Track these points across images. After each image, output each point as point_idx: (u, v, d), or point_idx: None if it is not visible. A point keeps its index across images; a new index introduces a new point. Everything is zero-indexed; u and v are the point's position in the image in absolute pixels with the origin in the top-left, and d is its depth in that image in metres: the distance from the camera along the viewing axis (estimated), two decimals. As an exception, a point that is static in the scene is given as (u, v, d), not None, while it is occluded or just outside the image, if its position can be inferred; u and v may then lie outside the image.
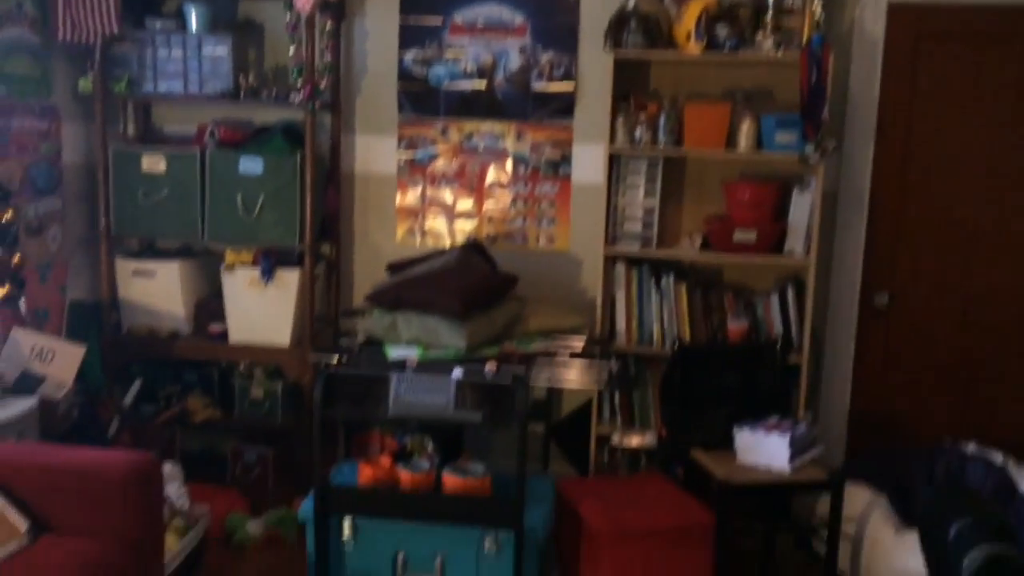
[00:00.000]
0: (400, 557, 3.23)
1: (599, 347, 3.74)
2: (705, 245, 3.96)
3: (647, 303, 3.96)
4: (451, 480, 3.18)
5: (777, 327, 3.89)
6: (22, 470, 2.53)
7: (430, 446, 3.77)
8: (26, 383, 3.36)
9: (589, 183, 4.10)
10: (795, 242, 3.83)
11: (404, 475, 3.21)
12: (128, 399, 3.94)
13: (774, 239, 3.87)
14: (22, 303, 3.62)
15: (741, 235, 3.84)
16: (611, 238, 3.94)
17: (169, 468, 3.36)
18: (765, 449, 3.34)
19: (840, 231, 4.01)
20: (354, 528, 3.23)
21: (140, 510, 2.55)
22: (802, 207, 3.80)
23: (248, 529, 3.76)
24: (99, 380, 3.78)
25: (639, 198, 3.94)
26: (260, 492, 4.06)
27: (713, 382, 3.65)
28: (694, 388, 3.63)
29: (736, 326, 3.91)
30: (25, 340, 3.48)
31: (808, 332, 3.81)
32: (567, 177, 4.17)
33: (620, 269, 3.98)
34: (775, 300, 3.91)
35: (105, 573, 2.37)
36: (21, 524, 2.43)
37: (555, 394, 4.32)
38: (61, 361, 3.46)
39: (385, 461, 3.32)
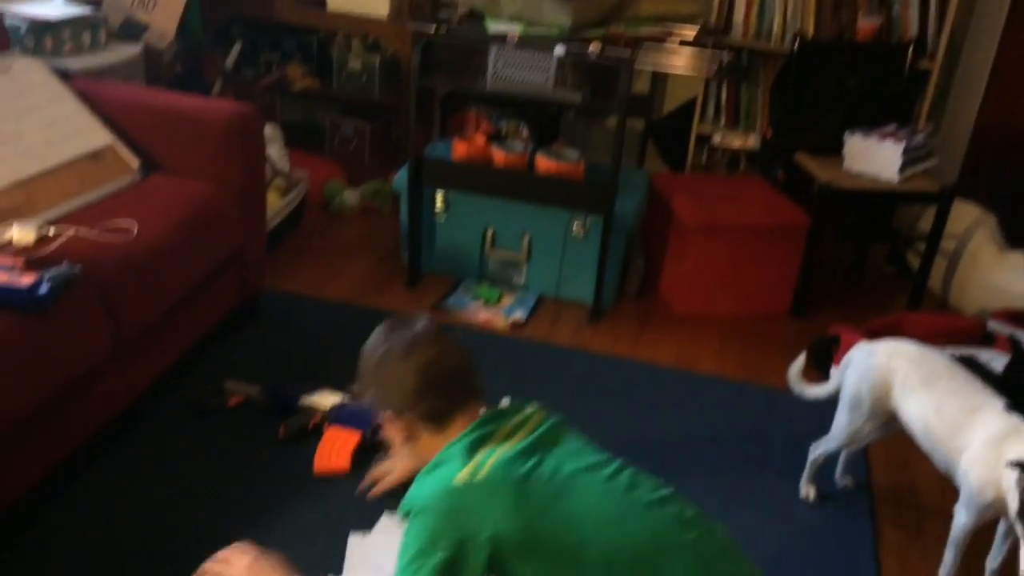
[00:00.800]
0: (489, 232, 3.30)
1: (712, 38, 3.50)
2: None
3: (770, -8, 3.64)
4: (544, 162, 3.15)
5: (913, 28, 3.55)
6: (132, 110, 2.58)
7: (525, 131, 3.72)
8: (130, 29, 3.37)
9: None
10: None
11: (498, 154, 3.20)
12: (229, 61, 3.95)
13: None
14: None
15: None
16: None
17: (270, 129, 3.41)
18: (876, 157, 3.18)
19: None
20: (446, 201, 3.29)
21: (242, 159, 2.61)
22: None
23: (345, 197, 3.88)
24: (200, 38, 3.76)
25: None
26: (356, 165, 4.14)
27: (831, 83, 3.42)
28: (810, 89, 3.41)
29: (867, 23, 3.56)
30: (127, -14, 3.44)
31: (947, 36, 3.46)
32: None
33: (744, -50, 3.61)
34: (915, -2, 3.53)
35: (212, 211, 2.48)
36: (133, 161, 2.53)
37: (658, 91, 4.14)
38: (163, 9, 3.42)
39: (480, 139, 3.29)
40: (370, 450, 2.35)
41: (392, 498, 2.17)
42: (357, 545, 2.04)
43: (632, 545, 1.38)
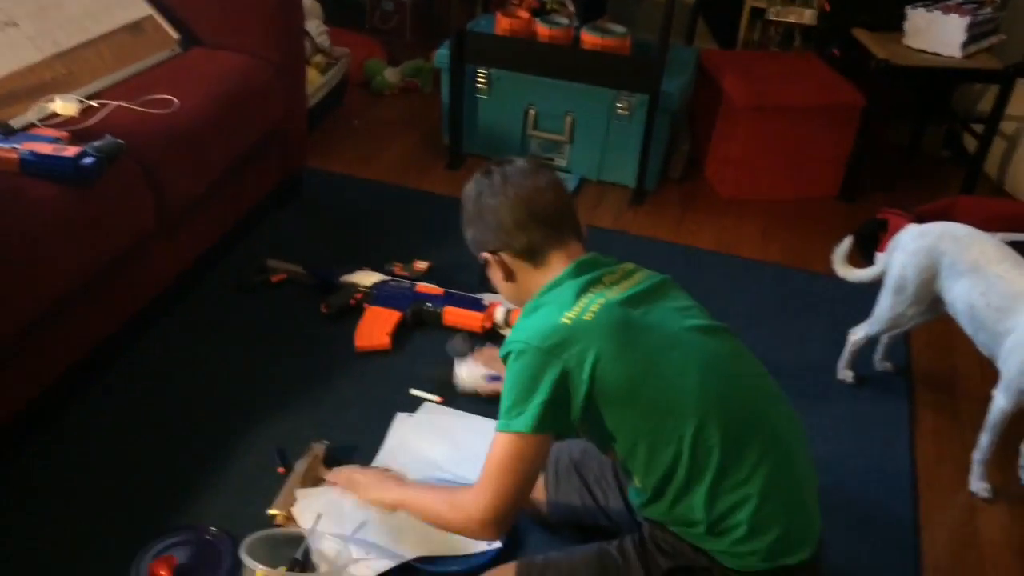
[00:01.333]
0: (531, 112, 3.24)
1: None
2: None
3: None
4: (590, 38, 3.05)
5: None
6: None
7: (570, 6, 3.59)
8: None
9: None
10: None
11: (542, 29, 3.10)
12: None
13: None
14: None
15: None
16: None
17: (309, 2, 3.34)
18: (938, 31, 3.03)
19: None
20: (488, 79, 3.22)
21: (282, 32, 2.57)
22: None
23: (386, 76, 3.82)
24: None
25: None
26: (397, 43, 4.06)
27: (894, -46, 3.23)
28: (871, -41, 3.23)
29: None
30: None
31: (1023, -99, 3.23)
32: None
33: None
34: None
35: (252, 85, 2.46)
36: (173, 33, 2.50)
37: (710, -37, 3.95)
38: None
39: (523, 14, 3.20)
40: (410, 328, 2.39)
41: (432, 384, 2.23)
42: (400, 424, 2.08)
43: (727, 414, 1.35)
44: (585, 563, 1.47)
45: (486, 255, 1.54)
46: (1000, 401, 1.96)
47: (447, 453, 1.97)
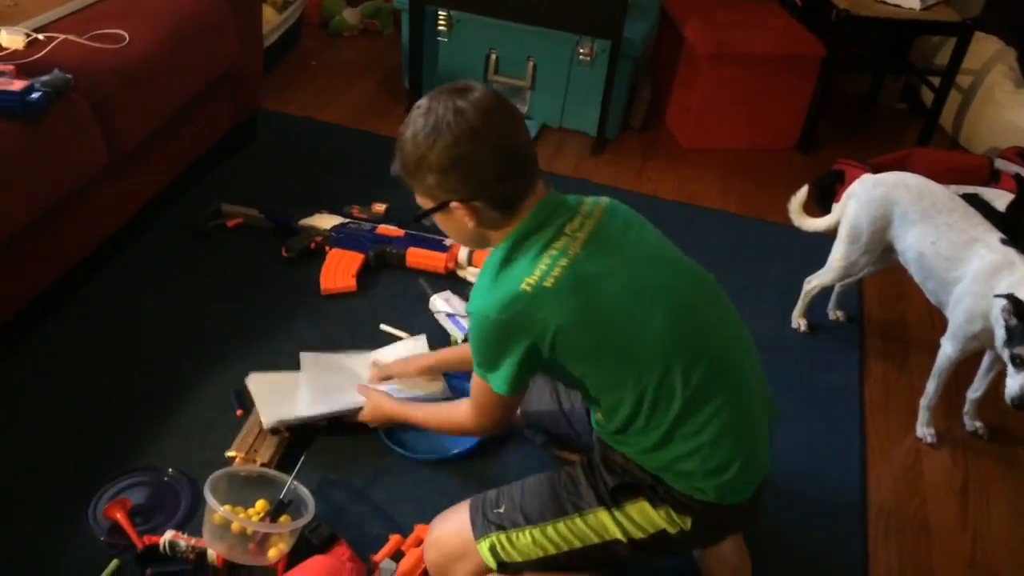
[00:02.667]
0: (493, 56, 3.20)
1: None
2: None
3: None
4: (553, -19, 3.00)
5: None
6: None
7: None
8: None
9: None
10: None
11: (504, -29, 3.04)
12: None
13: None
14: None
15: None
16: None
17: (263, -62, 3.23)
18: (899, -16, 3.03)
19: None
20: (449, 21, 3.16)
21: (234, -32, 2.49)
22: None
23: (345, 16, 3.74)
24: None
25: None
26: (356, -18, 3.96)
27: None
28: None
29: None
30: None
31: None
32: None
33: None
34: None
35: (205, 21, 2.38)
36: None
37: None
38: None
39: (485, -46, 3.13)
40: (373, 270, 2.38)
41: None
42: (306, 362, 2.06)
43: (692, 362, 1.35)
44: (537, 489, 1.50)
45: (455, 203, 1.38)
46: (947, 349, 2.01)
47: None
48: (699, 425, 1.36)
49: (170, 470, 1.77)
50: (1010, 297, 1.79)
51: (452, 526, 1.52)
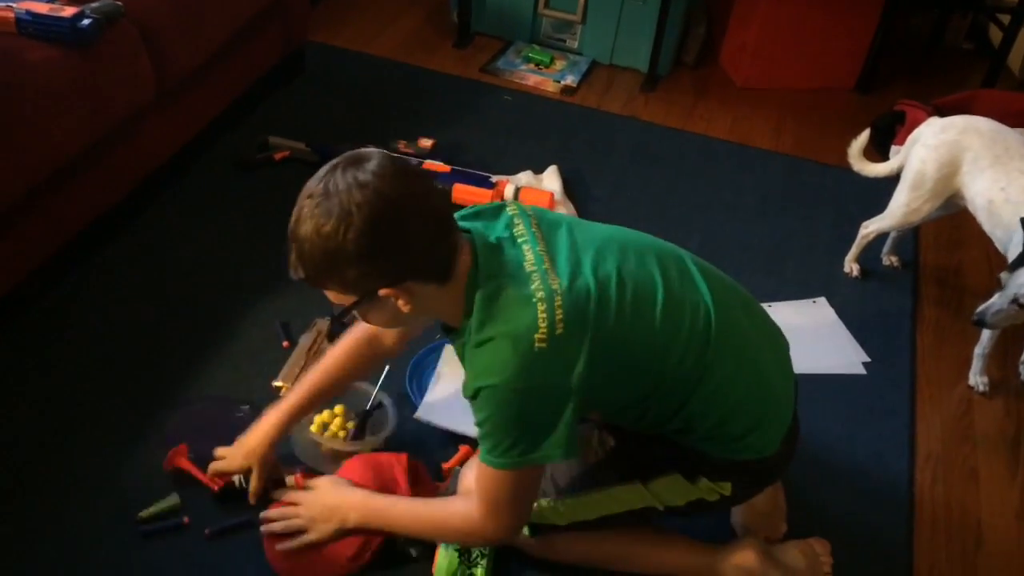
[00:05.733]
0: (544, -11, 3.13)
1: None
2: None
3: None
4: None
5: None
6: None
7: None
8: None
9: None
10: None
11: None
12: None
13: None
14: None
15: None
16: None
17: None
18: (973, -86, 2.88)
19: None
20: (499, -47, 3.09)
21: None
22: None
23: (392, -53, 3.66)
24: None
25: None
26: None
27: None
28: None
29: None
30: None
31: None
32: None
33: None
34: None
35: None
36: None
37: None
38: None
39: None
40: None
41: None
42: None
43: (694, 347, 1.30)
44: (568, 460, 1.38)
45: (384, 292, 1.21)
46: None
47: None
48: (720, 394, 1.34)
49: (245, 407, 1.75)
50: None
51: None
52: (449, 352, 1.89)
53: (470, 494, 1.36)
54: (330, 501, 1.50)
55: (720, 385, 1.33)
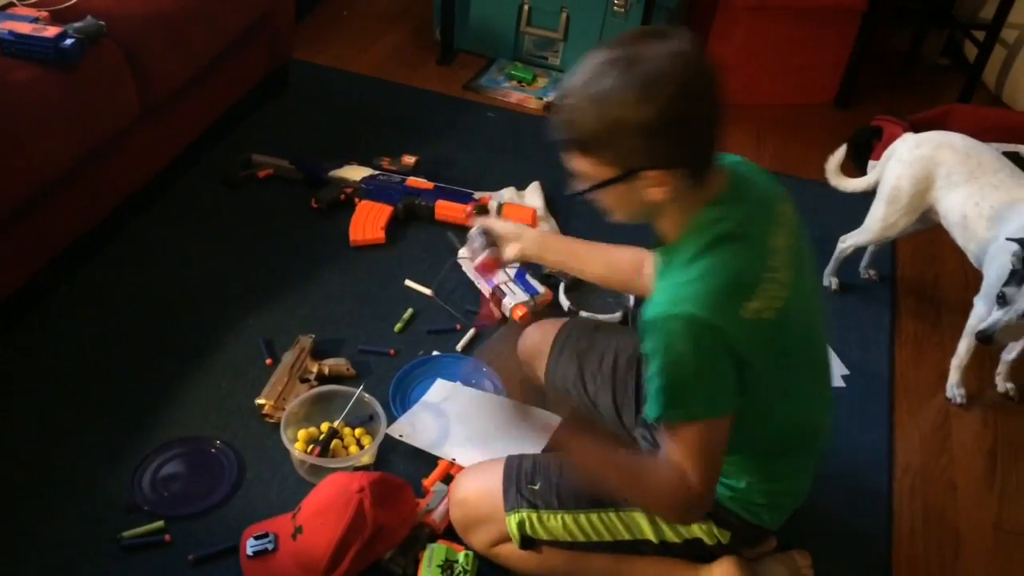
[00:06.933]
0: (526, 7, 3.15)
1: None
2: None
3: None
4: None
5: None
6: None
7: None
8: None
9: None
10: None
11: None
12: None
13: None
14: None
15: None
16: None
17: None
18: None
19: None
20: (482, -29, 3.12)
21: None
22: None
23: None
24: None
25: None
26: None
27: None
28: None
29: None
30: None
31: None
32: None
33: None
34: None
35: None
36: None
37: None
38: None
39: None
40: (402, 222, 2.38)
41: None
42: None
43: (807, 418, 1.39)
44: (576, 474, 1.44)
45: (651, 172, 1.12)
46: (979, 308, 1.98)
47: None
48: (788, 468, 1.40)
49: (217, 442, 1.77)
50: (1021, 242, 1.78)
51: (483, 489, 1.50)
52: (439, 386, 1.88)
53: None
54: None
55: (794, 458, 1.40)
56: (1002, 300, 1.80)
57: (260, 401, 1.82)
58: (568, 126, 1.14)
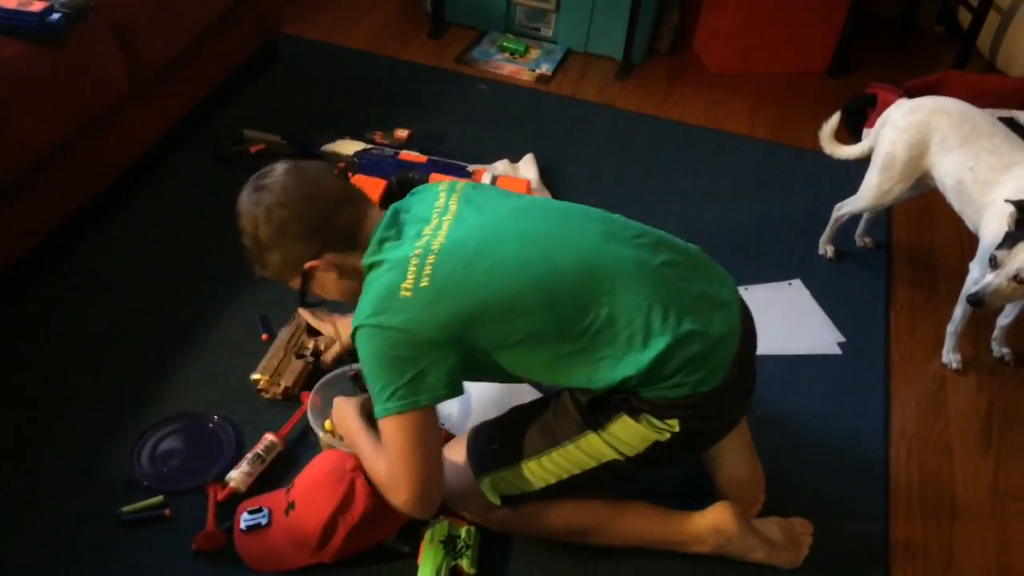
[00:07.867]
0: (517, -22, 3.13)
1: None
2: None
3: None
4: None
5: None
6: None
7: None
8: None
9: None
10: None
11: None
12: None
13: None
14: None
15: None
16: None
17: None
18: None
19: None
20: (472, -58, 3.09)
21: None
22: None
23: (365, -62, 3.65)
24: None
25: None
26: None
27: None
28: None
29: None
30: None
31: None
32: None
33: None
34: None
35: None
36: None
37: None
38: None
39: None
40: (395, 196, 2.36)
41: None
42: None
43: (564, 276, 1.35)
44: (527, 423, 1.48)
45: (311, 264, 1.43)
46: (975, 272, 1.98)
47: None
48: (612, 336, 1.34)
49: (215, 417, 1.76)
50: (1018, 204, 1.77)
51: (454, 463, 1.52)
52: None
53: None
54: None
55: (605, 319, 1.35)
56: (993, 263, 1.80)
57: (255, 376, 1.81)
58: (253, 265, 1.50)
